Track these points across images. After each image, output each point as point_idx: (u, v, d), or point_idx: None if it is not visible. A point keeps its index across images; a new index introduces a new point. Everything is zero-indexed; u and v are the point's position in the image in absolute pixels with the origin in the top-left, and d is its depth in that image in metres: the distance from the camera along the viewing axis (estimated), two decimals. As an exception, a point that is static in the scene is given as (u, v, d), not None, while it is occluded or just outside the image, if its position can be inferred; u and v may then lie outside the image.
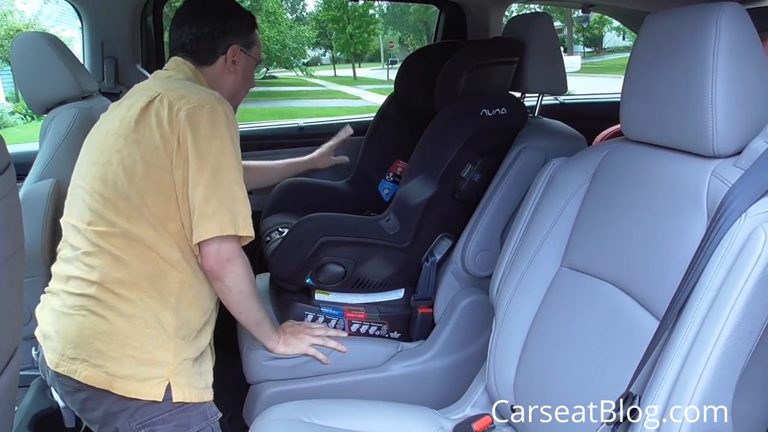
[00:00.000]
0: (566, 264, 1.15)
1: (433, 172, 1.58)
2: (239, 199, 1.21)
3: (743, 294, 0.79)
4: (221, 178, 1.19)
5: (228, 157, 1.20)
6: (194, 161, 1.18)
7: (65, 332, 1.20)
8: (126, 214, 1.19)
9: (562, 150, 1.57)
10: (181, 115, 1.19)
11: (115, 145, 1.23)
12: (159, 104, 1.22)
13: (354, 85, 19.58)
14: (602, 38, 26.07)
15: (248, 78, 1.45)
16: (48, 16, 13.13)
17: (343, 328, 1.60)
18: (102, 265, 1.19)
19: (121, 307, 1.18)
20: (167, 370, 1.19)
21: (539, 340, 1.15)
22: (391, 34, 27.08)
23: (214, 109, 1.21)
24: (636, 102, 1.03)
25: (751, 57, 0.89)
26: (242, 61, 1.41)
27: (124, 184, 1.20)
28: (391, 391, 1.57)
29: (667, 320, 0.86)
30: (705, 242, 0.84)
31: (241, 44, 1.39)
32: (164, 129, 1.19)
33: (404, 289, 1.67)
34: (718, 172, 0.90)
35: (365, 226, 1.61)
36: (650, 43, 1.00)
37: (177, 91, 1.23)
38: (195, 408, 1.21)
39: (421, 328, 1.65)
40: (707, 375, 0.80)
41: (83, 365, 1.17)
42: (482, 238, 1.58)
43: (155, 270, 1.20)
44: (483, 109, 1.58)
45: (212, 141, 1.19)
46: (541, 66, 1.67)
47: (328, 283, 1.59)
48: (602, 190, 1.11)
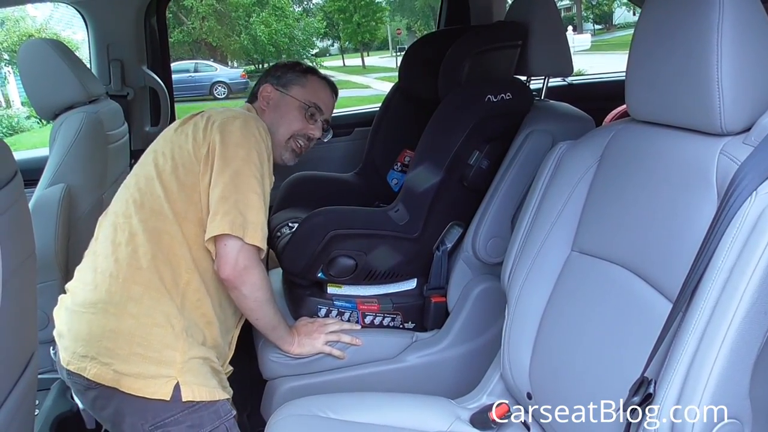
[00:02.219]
0: (577, 248, 1.14)
1: (440, 161, 1.57)
2: (254, 208, 1.24)
3: (756, 274, 0.78)
4: (241, 183, 1.24)
5: (251, 166, 1.26)
6: (218, 162, 1.25)
7: (76, 330, 1.23)
8: (149, 207, 1.27)
9: (570, 132, 1.54)
10: (214, 126, 1.30)
11: (155, 145, 1.37)
12: (199, 118, 1.36)
13: (363, 74, 19.52)
14: (612, 15, 25.65)
15: (286, 115, 1.52)
16: (59, 20, 13.27)
17: (357, 321, 1.60)
18: (117, 260, 1.24)
19: (129, 305, 1.21)
20: (175, 369, 1.20)
21: (553, 325, 1.15)
22: (398, 21, 26.91)
23: (247, 122, 1.31)
24: (641, 82, 1.02)
25: (756, 31, 0.87)
26: (275, 98, 1.53)
27: (152, 178, 1.29)
28: (407, 382, 1.58)
29: (680, 302, 0.84)
30: (716, 222, 0.83)
31: (276, 84, 1.54)
32: (197, 135, 1.30)
33: (416, 279, 1.67)
34: (727, 150, 0.88)
35: (374, 217, 1.61)
36: (653, 21, 0.98)
37: (218, 111, 1.37)
38: (207, 407, 1.22)
39: (435, 317, 1.65)
40: (722, 357, 0.79)
41: (92, 363, 1.20)
42: (492, 224, 1.57)
43: (166, 267, 1.24)
44: (488, 95, 1.56)
45: (239, 148, 1.26)
46: (545, 48, 1.64)
47: (340, 276, 1.59)
48: (610, 173, 1.10)
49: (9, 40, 13.06)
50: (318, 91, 1.56)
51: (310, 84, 1.55)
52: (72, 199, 1.78)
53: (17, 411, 0.75)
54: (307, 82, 1.55)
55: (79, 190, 1.82)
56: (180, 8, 18.20)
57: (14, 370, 0.84)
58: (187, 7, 18.39)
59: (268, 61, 20.73)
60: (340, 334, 1.51)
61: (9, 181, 0.79)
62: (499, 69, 1.70)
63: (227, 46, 19.53)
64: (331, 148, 2.33)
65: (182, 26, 18.67)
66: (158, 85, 2.30)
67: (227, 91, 15.53)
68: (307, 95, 1.54)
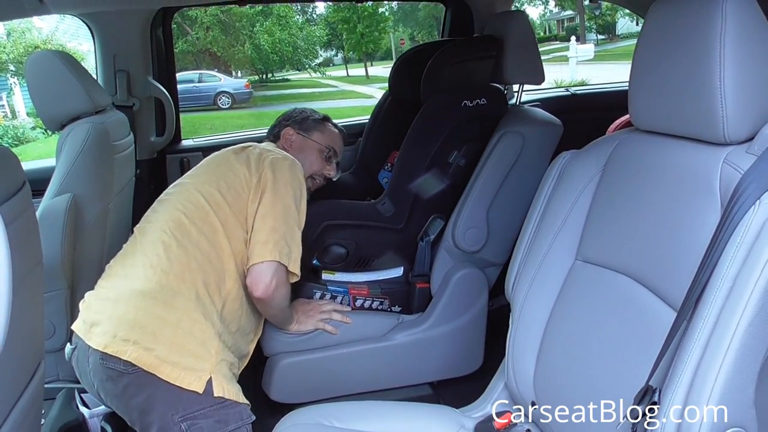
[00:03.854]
0: (581, 257, 1.14)
1: (422, 159, 1.75)
2: (297, 242, 1.42)
3: (761, 282, 0.77)
4: (289, 218, 1.41)
5: (296, 205, 1.44)
6: (269, 195, 1.41)
7: (120, 315, 1.28)
8: (201, 219, 1.40)
9: (539, 134, 1.74)
10: (266, 161, 1.46)
11: (210, 169, 1.52)
12: (251, 149, 1.52)
13: (367, 84, 19.68)
14: (615, 25, 25.83)
15: (308, 157, 1.70)
16: (65, 32, 13.39)
17: (348, 304, 1.78)
18: (170, 259, 1.34)
19: (177, 299, 1.30)
20: (210, 364, 1.27)
21: (557, 335, 1.14)
22: (402, 31, 27.15)
23: (294, 165, 1.49)
24: (644, 92, 1.02)
25: (758, 41, 0.86)
26: (299, 142, 1.73)
27: (199, 197, 1.43)
28: (395, 359, 1.76)
29: (684, 311, 0.84)
30: (719, 231, 0.82)
31: (297, 128, 1.74)
32: (250, 165, 1.46)
33: (403, 267, 1.84)
34: (730, 160, 0.87)
35: (363, 210, 1.79)
36: (656, 32, 0.98)
37: (266, 148, 1.56)
38: (233, 407, 1.28)
39: (419, 301, 1.82)
40: (727, 366, 0.78)
41: (134, 347, 1.24)
42: (470, 216, 1.74)
43: (213, 274, 1.36)
44: (464, 100, 1.75)
45: (288, 187, 1.44)
46: (518, 59, 1.81)
47: (333, 263, 1.77)
48: (614, 182, 1.09)
49: (15, 51, 13.08)
50: (334, 137, 1.77)
51: (328, 131, 1.77)
52: (78, 208, 1.78)
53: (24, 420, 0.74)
54: (325, 129, 1.77)
55: (86, 200, 1.81)
56: (184, 19, 18.32)
57: (22, 378, 0.83)
58: (191, 17, 18.54)
59: (271, 70, 20.87)
60: (332, 312, 1.70)
61: (18, 191, 0.79)
62: (476, 77, 1.88)
63: (231, 56, 19.68)
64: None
65: (186, 36, 18.79)
66: (164, 95, 2.30)
67: (231, 101, 15.58)
68: (326, 140, 1.75)
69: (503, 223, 1.76)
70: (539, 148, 1.73)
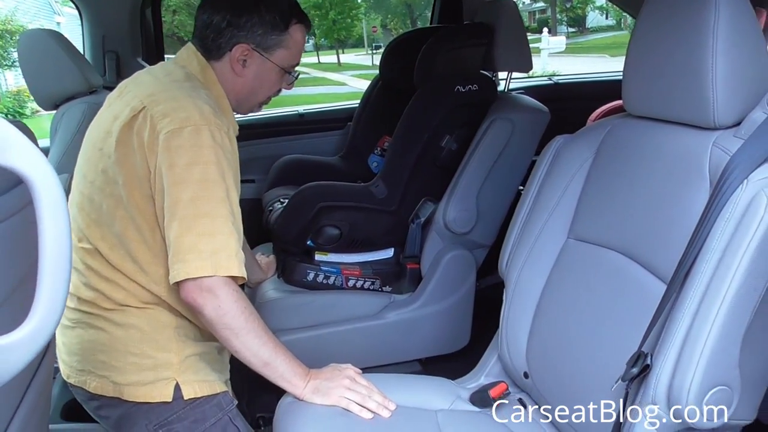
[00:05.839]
0: (573, 236, 1.18)
1: (416, 143, 1.80)
2: (222, 234, 1.05)
3: (747, 254, 0.83)
4: (200, 209, 1.04)
5: (210, 186, 1.06)
6: (171, 190, 1.05)
7: (69, 345, 1.18)
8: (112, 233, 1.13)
9: (528, 120, 1.81)
10: (160, 139, 1.07)
11: (100, 162, 1.14)
12: (142, 122, 1.09)
13: (339, 71, 19.59)
14: (585, 18, 26.18)
15: (266, 84, 1.27)
16: (25, 12, 12.96)
17: (341, 284, 1.82)
18: (92, 281, 1.15)
19: (115, 317, 1.15)
20: (172, 370, 1.15)
21: (549, 308, 1.19)
22: (374, 18, 27.01)
23: (198, 131, 1.07)
24: (638, 79, 1.06)
25: (748, 33, 0.92)
26: (256, 65, 1.23)
27: (110, 209, 1.13)
28: (386, 337, 1.82)
29: (675, 282, 0.89)
30: (709, 208, 0.88)
31: (255, 45, 1.22)
32: (143, 152, 1.09)
33: (394, 248, 1.90)
34: (719, 143, 0.93)
35: (357, 192, 1.84)
36: (652, 22, 1.03)
37: (163, 105, 1.09)
38: (209, 401, 1.17)
39: (410, 281, 1.88)
40: (716, 330, 0.84)
41: (91, 376, 1.15)
42: (460, 199, 1.80)
43: (144, 274, 1.14)
44: (457, 86, 1.80)
45: (192, 168, 1.05)
46: (507, 47, 1.87)
47: (327, 244, 1.81)
48: (607, 164, 1.14)
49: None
50: (300, 47, 1.28)
51: (294, 41, 1.25)
52: None
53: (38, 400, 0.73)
54: (291, 41, 1.25)
55: None
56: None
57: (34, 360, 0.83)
58: (158, -1, 18.09)
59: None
60: (365, 398, 1.16)
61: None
62: (467, 64, 1.93)
63: (201, 40, 19.28)
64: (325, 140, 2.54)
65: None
66: None
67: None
68: (291, 58, 1.27)
69: (492, 206, 1.83)
70: (528, 135, 1.80)
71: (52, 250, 0.51)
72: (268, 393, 1.40)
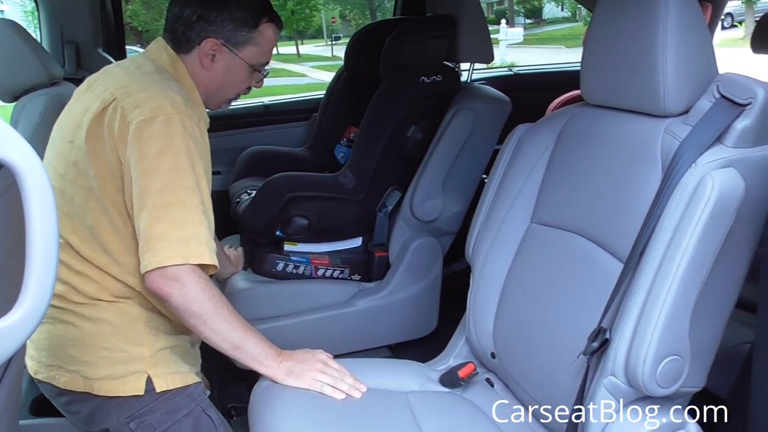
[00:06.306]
0: (536, 220, 1.24)
1: (382, 133, 1.84)
2: (192, 222, 1.06)
3: (696, 231, 0.88)
4: (170, 198, 1.05)
5: (180, 174, 1.06)
6: (141, 180, 1.06)
7: (38, 340, 1.17)
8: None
9: (490, 110, 1.86)
10: (130, 129, 1.08)
11: (71, 155, 1.14)
12: (112, 113, 1.10)
13: (299, 63, 19.39)
14: (542, 10, 26.56)
15: (235, 80, 1.28)
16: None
17: (311, 273, 1.84)
18: (63, 274, 1.14)
19: (86, 311, 1.14)
20: (144, 363, 1.14)
21: (514, 290, 1.23)
22: (332, 9, 26.83)
23: (169, 120, 1.08)
24: (595, 70, 1.12)
25: (695, 27, 0.98)
26: (224, 60, 1.24)
27: (82, 201, 1.13)
28: (357, 324, 1.85)
29: (630, 262, 0.95)
30: (661, 191, 0.94)
31: (224, 40, 1.23)
32: (114, 143, 1.09)
33: (362, 237, 1.93)
34: (669, 129, 0.99)
35: (326, 182, 1.86)
36: (607, 18, 1.09)
37: (134, 96, 1.10)
38: (180, 392, 1.16)
39: (378, 269, 1.91)
40: (668, 305, 0.89)
41: (60, 372, 1.14)
42: (427, 188, 1.84)
43: (115, 265, 1.14)
44: (422, 76, 1.83)
45: (162, 157, 1.06)
46: (470, 38, 1.91)
47: (296, 234, 1.83)
48: (566, 151, 1.19)
49: None
50: (270, 45, 1.30)
51: (264, 39, 1.27)
52: None
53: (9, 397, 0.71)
54: (261, 38, 1.26)
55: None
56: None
57: None
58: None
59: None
60: (337, 380, 1.19)
61: None
62: (431, 55, 1.96)
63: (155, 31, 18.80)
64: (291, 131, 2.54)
65: (106, 9, 17.83)
66: None
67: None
68: (261, 56, 1.28)
69: (457, 194, 1.88)
70: (490, 124, 1.85)
71: (40, 237, 0.52)
72: (239, 383, 1.42)
